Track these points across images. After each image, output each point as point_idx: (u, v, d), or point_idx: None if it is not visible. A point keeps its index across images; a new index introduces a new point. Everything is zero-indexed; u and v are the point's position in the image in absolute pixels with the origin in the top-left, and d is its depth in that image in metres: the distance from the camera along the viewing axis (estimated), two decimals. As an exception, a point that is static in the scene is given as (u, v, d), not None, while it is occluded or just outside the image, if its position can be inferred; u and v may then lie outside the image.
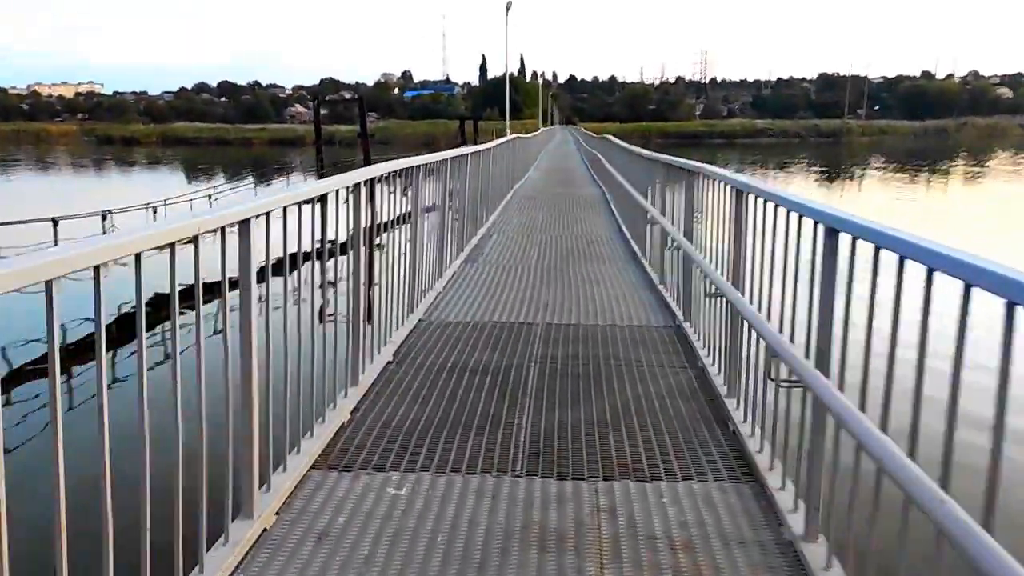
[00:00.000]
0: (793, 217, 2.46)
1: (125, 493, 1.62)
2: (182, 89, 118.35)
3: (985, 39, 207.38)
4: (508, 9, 24.49)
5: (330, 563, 2.10)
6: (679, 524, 2.32)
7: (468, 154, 6.96)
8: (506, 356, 3.98)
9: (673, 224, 5.05)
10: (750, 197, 3.08)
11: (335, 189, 3.04)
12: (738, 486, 2.58)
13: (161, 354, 5.61)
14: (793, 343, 2.30)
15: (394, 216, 4.25)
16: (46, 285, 1.31)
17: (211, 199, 17.81)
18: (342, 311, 3.21)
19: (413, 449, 2.84)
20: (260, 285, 2.24)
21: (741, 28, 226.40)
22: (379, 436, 2.96)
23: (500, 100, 30.83)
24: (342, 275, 3.20)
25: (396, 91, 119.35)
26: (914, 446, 1.53)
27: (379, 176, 3.71)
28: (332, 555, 2.14)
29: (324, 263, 2.91)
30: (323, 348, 2.92)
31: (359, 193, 3.28)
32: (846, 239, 1.92)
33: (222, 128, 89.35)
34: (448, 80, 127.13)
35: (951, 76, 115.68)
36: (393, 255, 4.32)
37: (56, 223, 12.75)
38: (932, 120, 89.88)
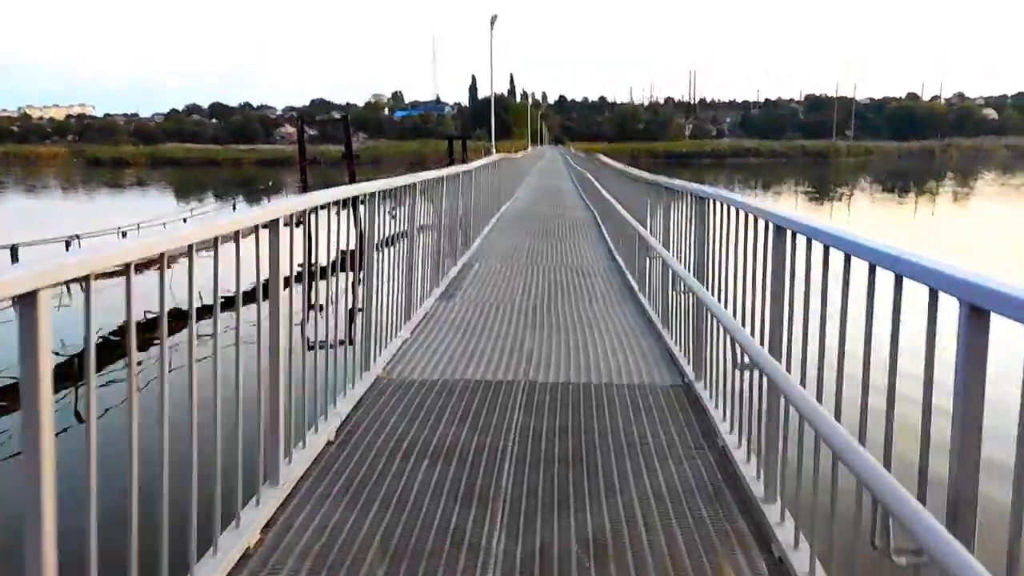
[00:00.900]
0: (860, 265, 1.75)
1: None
2: (172, 111, 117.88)
3: (970, 61, 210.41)
4: (493, 24, 23.97)
5: None
6: None
7: (444, 177, 6.22)
8: (478, 432, 3.19)
9: (680, 261, 4.31)
10: (792, 235, 2.34)
11: (257, 223, 2.32)
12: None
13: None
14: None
15: (352, 248, 3.50)
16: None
17: (186, 222, 16.93)
18: (255, 382, 2.43)
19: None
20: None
21: (729, 48, 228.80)
22: (296, 567, 2.16)
23: (490, 120, 30.31)
24: (252, 331, 2.43)
25: (386, 111, 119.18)
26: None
27: (315, 206, 2.94)
28: None
29: (238, 312, 2.17)
30: (220, 441, 2.12)
31: (282, 226, 2.52)
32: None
33: (211, 149, 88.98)
34: (438, 100, 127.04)
35: (937, 97, 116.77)
36: (344, 300, 3.57)
37: (15, 251, 11.96)
38: (918, 141, 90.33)
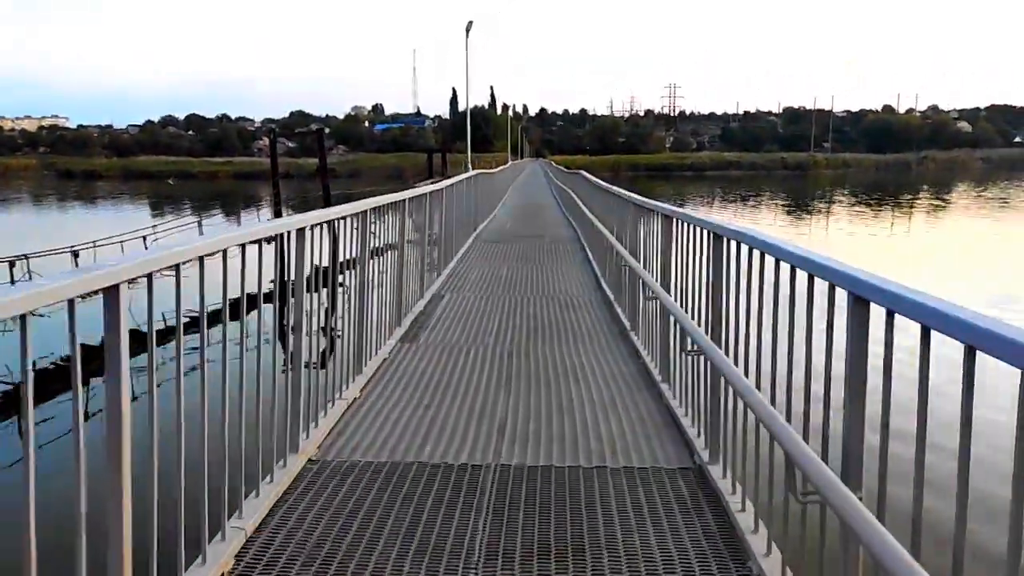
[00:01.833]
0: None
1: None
2: (148, 122, 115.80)
3: (944, 74, 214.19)
4: (468, 31, 23.23)
5: None
6: None
7: (405, 199, 5.43)
8: (428, 554, 2.39)
9: (680, 302, 3.57)
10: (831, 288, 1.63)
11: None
12: None
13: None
14: None
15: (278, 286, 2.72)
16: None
17: (145, 240, 15.89)
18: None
19: None
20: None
21: (708, 61, 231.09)
22: None
23: (471, 133, 29.68)
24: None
25: (367, 124, 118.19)
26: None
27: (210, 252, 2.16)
28: None
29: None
30: None
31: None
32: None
33: (186, 161, 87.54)
34: (419, 113, 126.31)
35: (912, 110, 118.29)
36: (273, 355, 2.81)
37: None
38: (894, 153, 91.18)
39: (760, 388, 2.32)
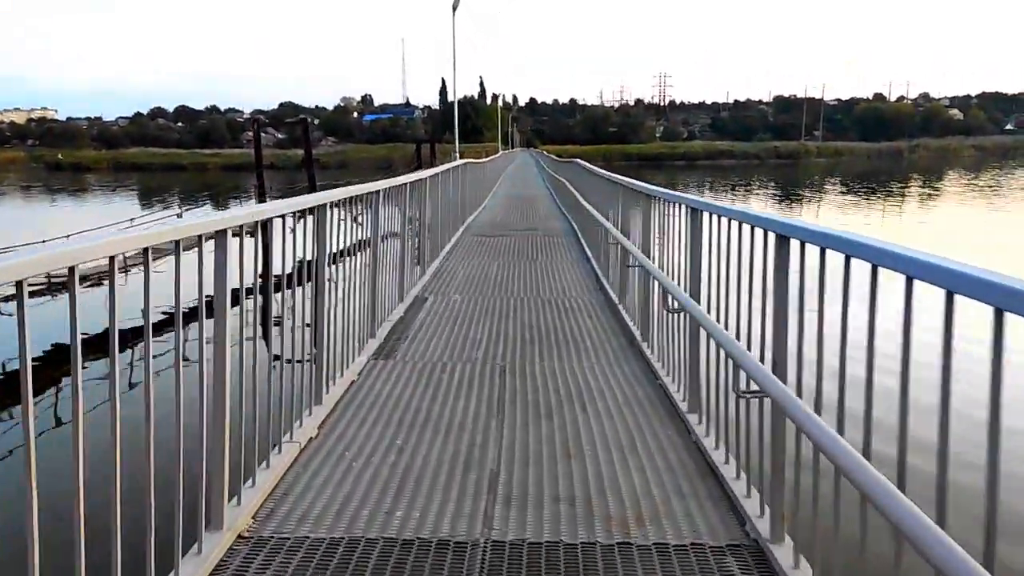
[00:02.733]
0: None
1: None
2: (137, 114, 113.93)
3: (935, 62, 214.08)
4: (455, 8, 22.23)
5: None
6: None
7: (379, 192, 4.65)
8: None
9: (733, 332, 2.83)
10: None
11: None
12: None
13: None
14: None
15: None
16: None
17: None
18: None
19: None
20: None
21: (698, 50, 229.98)
22: None
23: (461, 123, 28.84)
24: None
25: (356, 115, 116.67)
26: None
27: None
28: None
29: None
30: None
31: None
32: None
33: (175, 153, 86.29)
34: (408, 104, 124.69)
35: (903, 98, 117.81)
36: (202, 398, 2.09)
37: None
38: (887, 141, 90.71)
39: (843, 433, 1.67)
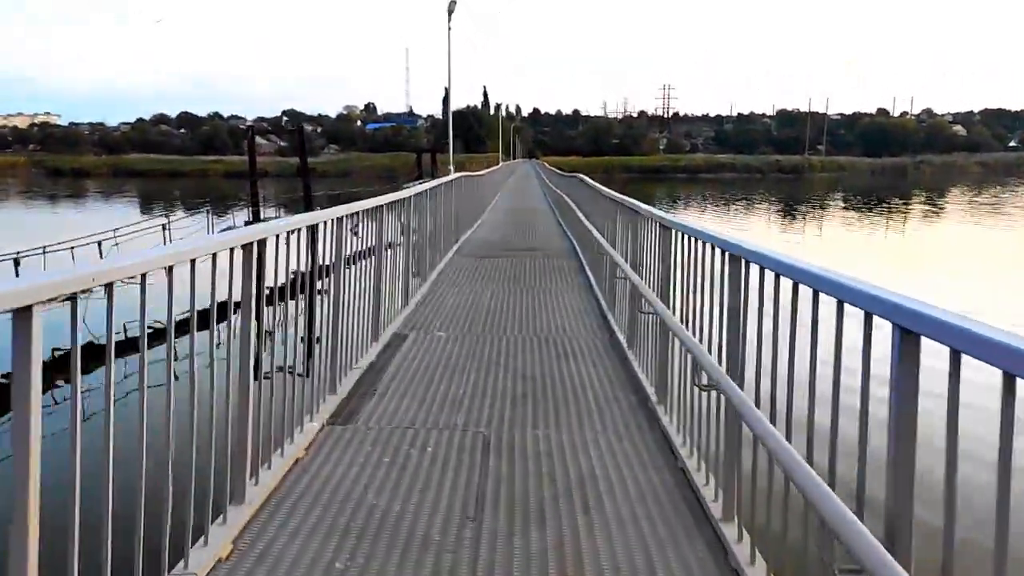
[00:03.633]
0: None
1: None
2: (139, 120, 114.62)
3: (938, 77, 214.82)
4: (451, 13, 22.27)
5: None
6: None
7: (359, 212, 4.61)
8: None
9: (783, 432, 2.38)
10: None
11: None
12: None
13: None
14: None
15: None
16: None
17: (100, 245, 14.75)
18: None
19: None
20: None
21: (702, 62, 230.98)
22: None
23: (463, 133, 29.11)
24: None
25: (359, 123, 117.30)
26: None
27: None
28: None
29: None
30: None
31: None
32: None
33: (176, 160, 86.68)
34: (411, 112, 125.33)
35: (906, 113, 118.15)
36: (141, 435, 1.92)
37: None
38: (890, 157, 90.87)
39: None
